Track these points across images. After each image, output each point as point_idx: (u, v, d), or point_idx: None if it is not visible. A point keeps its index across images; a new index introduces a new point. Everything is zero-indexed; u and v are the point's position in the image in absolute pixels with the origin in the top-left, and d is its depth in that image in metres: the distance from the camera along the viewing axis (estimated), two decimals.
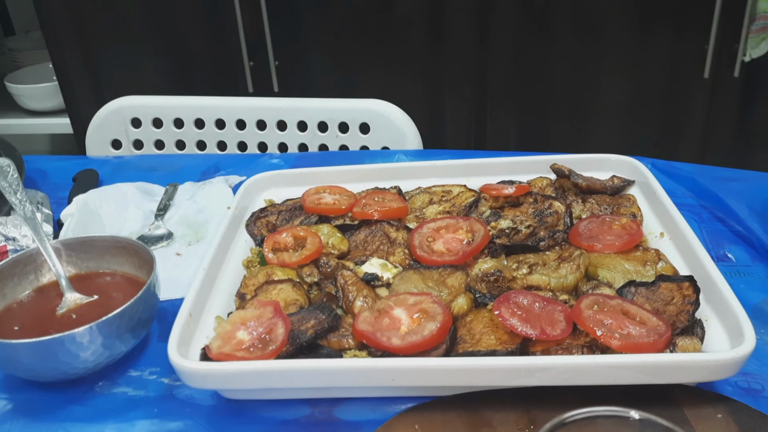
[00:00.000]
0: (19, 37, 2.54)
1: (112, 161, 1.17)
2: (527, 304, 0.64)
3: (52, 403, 0.66)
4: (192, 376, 0.59)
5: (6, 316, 0.71)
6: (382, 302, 0.67)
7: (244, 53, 2.10)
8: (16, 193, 0.77)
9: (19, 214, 0.77)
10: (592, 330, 0.59)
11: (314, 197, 0.87)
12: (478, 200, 0.83)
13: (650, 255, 0.72)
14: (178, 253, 0.88)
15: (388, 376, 0.58)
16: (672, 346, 0.60)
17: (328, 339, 0.65)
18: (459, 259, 0.73)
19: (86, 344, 0.64)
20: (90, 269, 0.78)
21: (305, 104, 1.22)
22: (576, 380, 0.57)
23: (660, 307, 0.64)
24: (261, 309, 0.67)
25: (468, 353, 0.60)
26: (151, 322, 0.71)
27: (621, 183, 0.84)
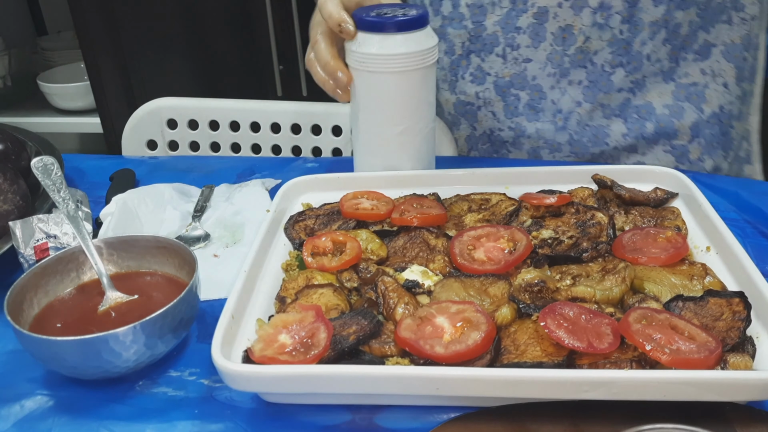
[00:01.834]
0: (51, 37, 2.58)
1: (148, 161, 1.17)
2: (573, 316, 0.63)
3: (93, 400, 0.66)
4: (235, 379, 0.59)
5: (49, 312, 0.72)
6: (424, 310, 0.66)
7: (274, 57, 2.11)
8: (60, 191, 0.78)
9: (62, 211, 0.77)
10: (641, 344, 0.58)
11: (352, 202, 0.87)
12: (518, 209, 0.83)
13: (697, 269, 0.71)
14: (216, 254, 0.88)
15: (433, 385, 0.58)
16: (723, 363, 0.58)
17: (370, 345, 0.64)
18: (501, 268, 0.72)
19: (129, 343, 0.64)
20: (131, 268, 0.78)
21: (340, 109, 1.22)
22: (625, 395, 0.56)
23: (709, 322, 0.63)
24: (303, 313, 0.66)
25: (514, 364, 0.59)
26: (191, 322, 0.71)
27: (664, 195, 0.83)
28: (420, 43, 0.86)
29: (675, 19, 0.99)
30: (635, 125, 1.06)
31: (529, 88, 1.07)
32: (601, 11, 0.97)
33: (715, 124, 1.06)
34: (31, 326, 0.70)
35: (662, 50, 1.01)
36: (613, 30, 0.99)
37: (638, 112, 1.05)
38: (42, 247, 0.83)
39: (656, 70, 1.03)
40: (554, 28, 1.00)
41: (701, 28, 1.02)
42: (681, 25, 1.00)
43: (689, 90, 1.04)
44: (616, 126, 1.06)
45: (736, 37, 1.03)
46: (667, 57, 1.02)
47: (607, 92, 1.03)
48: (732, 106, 1.07)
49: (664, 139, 1.07)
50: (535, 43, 1.01)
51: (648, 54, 1.01)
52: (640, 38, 1.00)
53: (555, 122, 1.08)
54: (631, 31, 0.99)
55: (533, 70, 1.05)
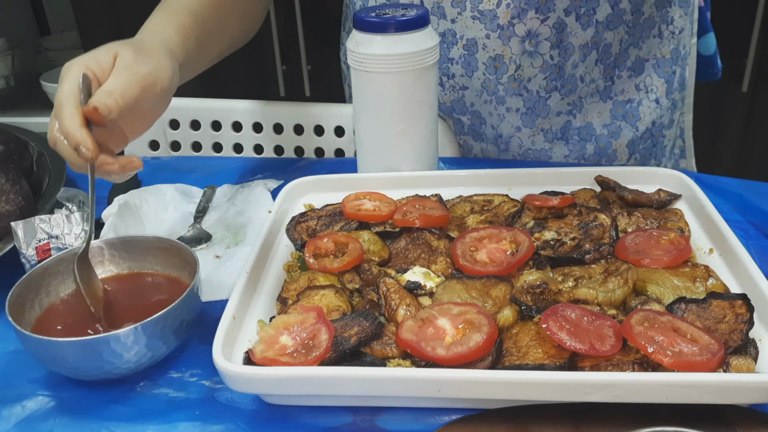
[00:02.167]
0: (54, 37, 2.58)
1: (150, 162, 1.17)
2: (575, 318, 0.63)
3: (94, 401, 0.66)
4: (236, 380, 0.59)
5: (50, 313, 0.72)
6: (426, 311, 0.66)
7: (277, 57, 2.11)
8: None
9: (84, 210, 0.78)
10: (643, 347, 0.58)
11: (354, 203, 0.86)
12: (521, 211, 0.83)
13: (700, 271, 0.70)
14: (217, 255, 0.88)
15: (434, 387, 0.58)
16: (725, 365, 0.58)
17: (372, 347, 0.64)
18: (503, 270, 0.72)
19: (130, 344, 0.64)
20: (132, 269, 0.78)
21: (343, 110, 1.22)
22: (627, 397, 0.56)
23: (711, 325, 0.63)
24: (304, 314, 0.66)
25: (515, 366, 0.59)
26: (193, 324, 0.71)
27: (668, 197, 0.83)
28: (420, 43, 0.86)
29: (605, 39, 1.00)
30: (576, 147, 1.08)
31: (469, 113, 1.09)
32: (530, 39, 0.98)
33: (648, 139, 1.09)
34: (33, 327, 0.70)
35: (595, 70, 1.03)
36: (544, 56, 1.00)
37: (579, 134, 1.07)
38: (44, 248, 0.83)
39: (592, 90, 1.04)
40: (485, 58, 1.01)
41: (632, 45, 1.04)
42: (611, 45, 1.01)
43: (625, 108, 1.06)
44: (559, 149, 1.08)
45: (666, 51, 1.06)
46: (602, 76, 1.04)
47: (545, 117, 1.05)
48: (663, 119, 1.09)
49: (605, 160, 1.09)
50: (468, 72, 1.03)
51: (581, 75, 1.02)
52: (572, 61, 1.01)
53: (497, 145, 1.11)
54: (561, 56, 1.00)
55: (470, 98, 1.07)
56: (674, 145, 1.15)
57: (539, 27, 0.97)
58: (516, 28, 0.97)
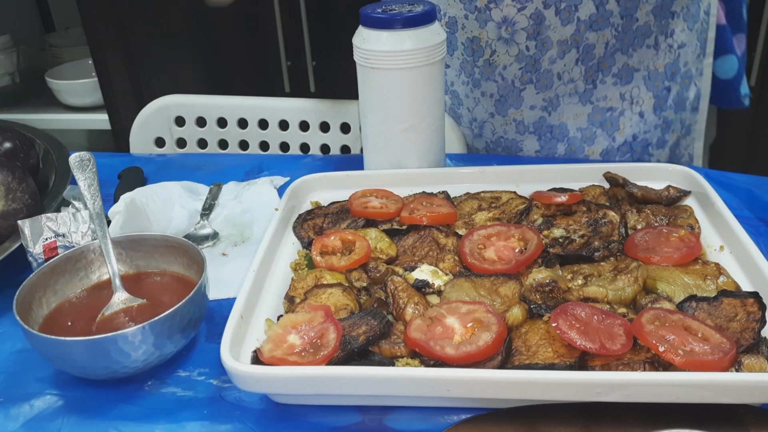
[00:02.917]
0: (59, 33, 2.58)
1: (156, 159, 1.17)
2: (585, 317, 0.62)
3: (102, 400, 0.66)
4: (244, 380, 0.59)
5: (58, 312, 0.72)
6: (434, 310, 0.66)
7: (282, 53, 2.10)
8: (90, 187, 0.79)
9: (88, 207, 0.78)
10: (654, 346, 0.58)
11: (361, 200, 0.86)
12: (529, 208, 0.82)
13: (710, 269, 0.70)
14: (224, 253, 0.88)
15: (443, 387, 0.57)
16: (737, 364, 0.58)
17: (380, 346, 0.64)
18: (512, 268, 0.71)
19: (138, 343, 0.64)
20: (139, 268, 0.78)
21: (349, 106, 1.22)
22: (638, 397, 0.55)
23: (723, 323, 0.62)
24: (312, 313, 0.66)
25: (525, 366, 0.59)
26: (200, 322, 0.71)
27: (677, 193, 0.82)
28: (426, 39, 0.86)
29: (587, 39, 0.97)
30: (548, 144, 1.05)
31: (450, 93, 1.09)
32: (506, 26, 0.97)
33: (626, 152, 1.05)
34: (41, 326, 0.69)
35: (575, 70, 1.00)
36: (519, 45, 0.98)
37: (551, 132, 1.04)
38: (51, 246, 0.82)
39: (570, 90, 1.02)
40: (464, 38, 1.01)
41: (620, 51, 1.00)
42: (594, 46, 0.98)
43: (605, 115, 1.03)
44: (530, 142, 1.07)
45: (660, 64, 1.01)
46: (582, 77, 1.01)
47: (518, 108, 1.03)
48: (648, 135, 1.05)
49: None
50: (449, 50, 1.03)
51: (559, 73, 1.00)
52: (549, 56, 0.98)
53: (472, 129, 1.10)
54: (538, 49, 0.98)
55: (450, 76, 1.07)
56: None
57: (515, 15, 0.96)
58: (492, 13, 0.96)
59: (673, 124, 1.06)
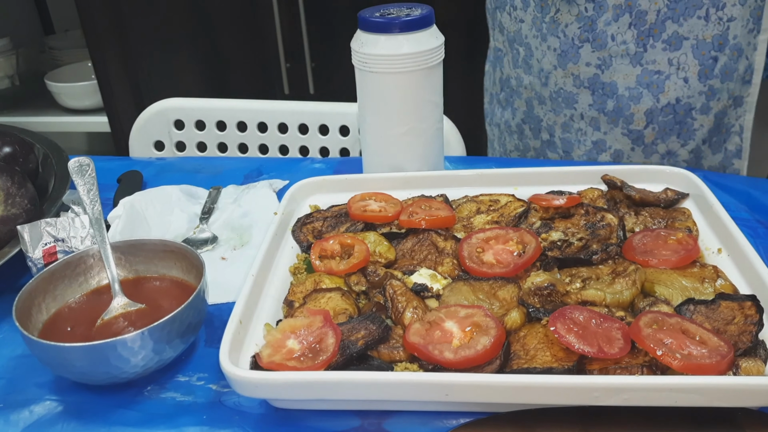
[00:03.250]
0: (59, 36, 2.58)
1: (156, 163, 1.17)
2: (583, 321, 0.62)
3: (101, 406, 0.66)
4: (243, 385, 0.59)
5: (58, 318, 0.72)
6: (433, 314, 0.66)
7: (281, 54, 2.10)
8: (90, 192, 0.79)
9: (87, 212, 0.78)
10: (651, 349, 0.58)
11: (360, 204, 0.86)
12: (527, 211, 0.82)
13: (708, 272, 0.70)
14: (223, 257, 0.88)
15: (442, 391, 0.57)
16: (735, 367, 0.58)
17: (379, 350, 0.64)
18: (510, 272, 0.72)
19: (137, 349, 0.64)
20: (139, 273, 0.78)
21: (348, 109, 1.22)
22: (636, 401, 0.56)
23: (720, 326, 0.62)
24: (311, 318, 0.66)
25: (523, 370, 0.59)
26: (199, 327, 0.71)
27: (675, 196, 0.82)
28: (424, 43, 0.86)
29: (639, 5, 1.04)
30: (599, 99, 1.13)
31: (523, 45, 1.18)
32: None
33: (669, 113, 1.11)
34: (41, 332, 0.70)
35: (628, 33, 1.07)
36: (579, 6, 1.06)
37: (603, 88, 1.12)
38: (50, 251, 0.83)
39: (622, 52, 1.08)
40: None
41: (670, 19, 1.06)
42: (646, 12, 1.05)
43: (652, 77, 1.09)
44: (584, 96, 1.14)
45: (708, 34, 1.06)
46: (633, 41, 1.07)
47: (575, 63, 1.11)
48: (692, 100, 1.11)
49: (622, 121, 1.13)
50: (524, 6, 1.14)
51: (612, 34, 1.07)
52: (604, 18, 1.06)
53: (540, 78, 1.18)
54: (595, 10, 1.06)
55: (525, 30, 1.16)
56: (726, 140, 1.16)
57: None
58: None
59: (719, 93, 1.11)
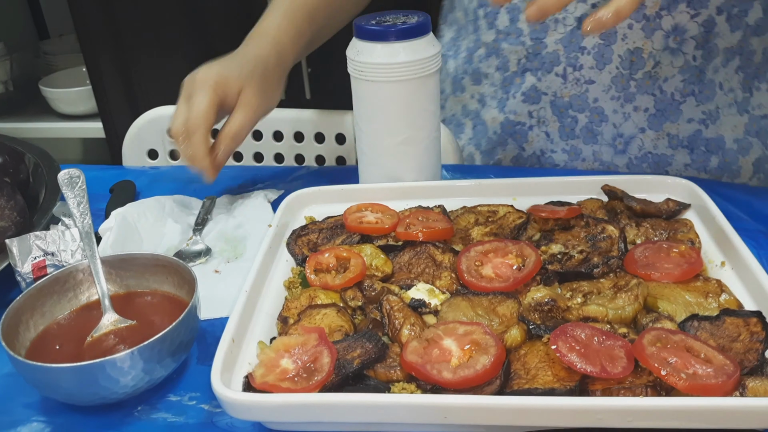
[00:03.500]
0: (53, 41, 2.56)
1: (149, 172, 1.15)
2: (585, 339, 0.61)
3: (91, 427, 0.64)
4: (236, 408, 0.57)
5: (46, 335, 0.70)
6: (431, 331, 0.64)
7: None
8: (80, 204, 0.77)
9: (77, 226, 0.76)
10: (656, 369, 0.56)
11: (356, 215, 0.85)
12: (526, 222, 0.81)
13: (712, 286, 0.68)
14: (217, 270, 0.86)
15: (441, 414, 0.56)
16: (741, 387, 0.56)
17: (375, 370, 0.62)
18: (509, 286, 0.70)
19: (127, 369, 0.62)
20: (130, 287, 0.76)
21: (344, 117, 1.20)
22: (640, 423, 0.54)
23: (725, 343, 0.61)
24: (305, 336, 0.64)
25: (524, 391, 0.57)
26: (191, 345, 0.70)
27: (677, 206, 0.81)
28: (421, 51, 0.84)
29: (750, 45, 0.93)
30: (700, 158, 0.99)
31: (590, 110, 1.01)
32: (675, 35, 0.91)
33: None
34: (28, 351, 0.68)
35: (734, 79, 0.95)
36: (686, 56, 0.92)
37: (707, 145, 0.98)
38: (39, 265, 0.81)
39: (730, 101, 0.96)
40: (622, 50, 0.94)
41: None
42: (755, 52, 0.94)
43: (760, 123, 0.97)
44: (681, 156, 1.00)
45: None
46: (740, 86, 0.96)
47: (674, 122, 0.97)
48: None
49: (726, 176, 1.01)
50: (599, 65, 0.96)
51: (720, 82, 0.95)
52: (713, 65, 0.93)
53: (615, 146, 1.03)
54: (704, 58, 0.92)
55: (595, 92, 0.99)
56: None
57: (688, 22, 0.90)
58: (663, 21, 0.90)
59: None
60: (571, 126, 1.04)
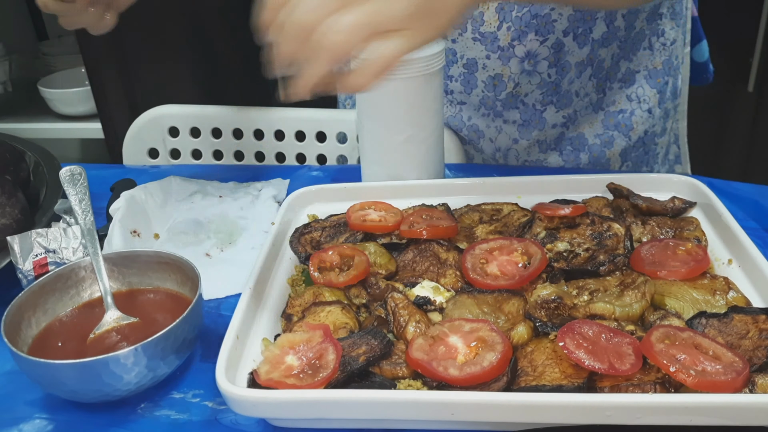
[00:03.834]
0: (52, 42, 2.56)
1: (150, 171, 1.15)
2: (593, 336, 0.60)
3: (94, 425, 0.64)
4: (241, 404, 0.57)
5: (48, 333, 0.69)
6: (437, 328, 0.64)
7: None
8: (82, 201, 0.77)
9: (79, 223, 0.76)
10: (664, 366, 0.56)
11: (359, 213, 0.84)
12: (532, 220, 0.80)
13: (719, 283, 0.68)
14: (208, 254, 0.86)
15: (447, 411, 0.55)
16: (751, 384, 0.56)
17: (381, 366, 0.62)
18: (515, 284, 0.69)
19: (130, 366, 0.61)
20: (132, 285, 0.76)
21: (346, 116, 1.20)
22: (650, 420, 0.53)
23: (734, 341, 0.60)
24: (310, 333, 0.64)
25: (532, 388, 0.57)
26: (195, 342, 0.69)
27: (682, 205, 0.80)
28: (425, 48, 0.84)
29: (599, 56, 1.02)
30: (570, 156, 1.09)
31: (467, 128, 1.10)
32: (528, 59, 1.00)
33: (640, 147, 1.10)
34: (31, 347, 0.67)
35: (589, 85, 1.05)
36: (542, 74, 1.02)
37: (572, 144, 1.08)
38: (41, 263, 0.80)
39: (586, 104, 1.06)
40: (484, 76, 1.03)
41: (623, 58, 1.06)
42: (604, 60, 1.04)
43: (617, 118, 1.07)
44: (553, 159, 1.10)
45: (658, 62, 1.07)
46: (594, 90, 1.06)
47: (541, 129, 1.07)
48: (655, 128, 1.11)
49: (598, 169, 1.10)
50: (467, 89, 1.05)
51: (576, 91, 1.04)
52: (568, 78, 1.02)
53: (496, 159, 1.13)
54: (558, 74, 1.02)
55: (468, 112, 1.08)
56: (668, 151, 1.16)
57: (538, 48, 0.99)
58: (516, 50, 0.99)
59: (670, 112, 1.13)
60: (460, 137, 1.14)
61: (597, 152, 1.08)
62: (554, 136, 1.08)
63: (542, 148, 1.09)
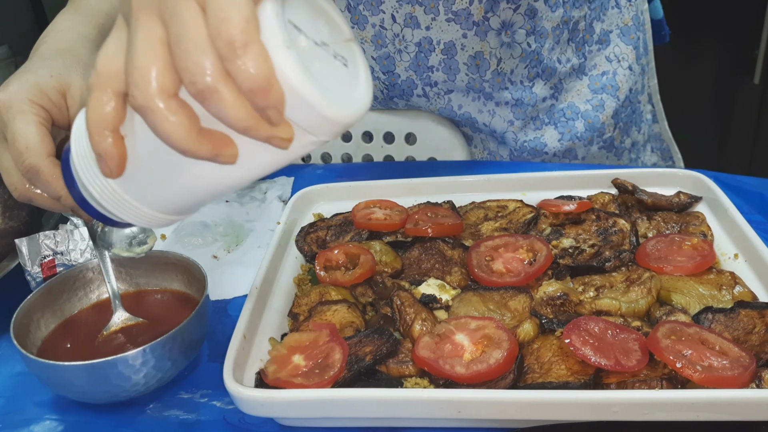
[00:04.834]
0: None
1: None
2: (599, 332, 0.60)
3: (103, 425, 0.64)
4: (249, 404, 0.57)
5: (57, 334, 0.70)
6: (443, 326, 0.64)
7: None
8: None
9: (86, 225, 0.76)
10: (671, 361, 0.56)
11: (365, 212, 0.84)
12: (537, 217, 0.80)
13: (725, 278, 0.68)
14: (215, 255, 0.86)
15: (454, 408, 0.55)
16: (758, 379, 0.56)
17: (387, 365, 0.62)
18: (521, 281, 0.70)
19: (138, 367, 0.62)
20: (140, 286, 0.76)
21: None
22: (656, 416, 0.54)
23: (741, 336, 0.60)
24: (317, 332, 0.64)
25: (539, 385, 0.57)
26: (202, 342, 0.69)
27: (688, 199, 0.80)
28: None
29: (573, 18, 1.02)
30: (566, 128, 1.08)
31: (459, 117, 1.08)
32: (505, 30, 0.98)
33: (627, 106, 1.11)
34: (40, 349, 0.68)
35: (568, 50, 1.05)
36: (521, 45, 1.00)
37: (565, 115, 1.07)
38: (49, 264, 0.81)
39: (569, 70, 1.06)
40: (465, 58, 1.01)
41: (596, 19, 1.06)
42: (578, 22, 1.04)
43: (602, 80, 1.08)
44: (550, 134, 1.08)
45: (627, 19, 1.08)
46: (575, 55, 1.06)
47: (534, 105, 1.05)
48: (637, 85, 1.11)
49: (596, 137, 1.09)
50: (450, 76, 1.02)
51: (558, 58, 1.04)
52: (548, 45, 1.02)
53: (494, 146, 1.12)
54: (537, 41, 1.00)
55: (457, 100, 1.06)
56: (644, 110, 1.17)
57: (513, 16, 0.97)
58: (491, 21, 0.97)
59: (645, 68, 1.13)
60: None
61: (591, 118, 1.08)
62: (546, 110, 1.08)
63: (537, 125, 1.08)
